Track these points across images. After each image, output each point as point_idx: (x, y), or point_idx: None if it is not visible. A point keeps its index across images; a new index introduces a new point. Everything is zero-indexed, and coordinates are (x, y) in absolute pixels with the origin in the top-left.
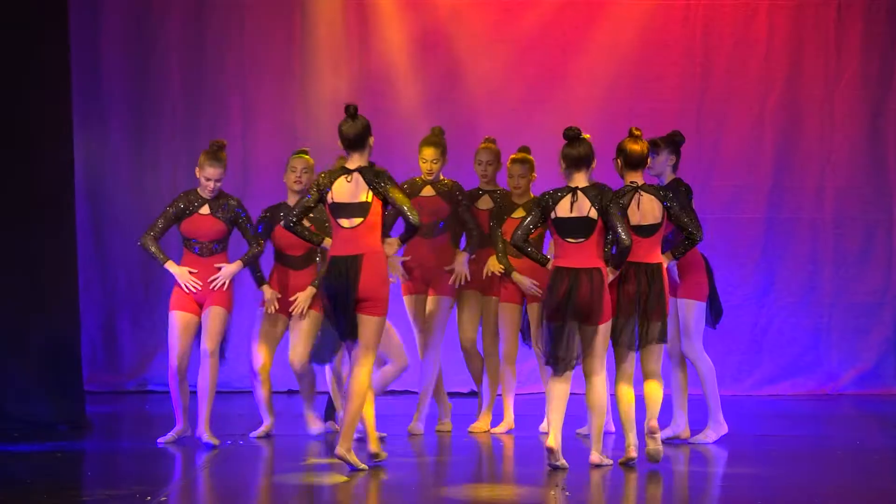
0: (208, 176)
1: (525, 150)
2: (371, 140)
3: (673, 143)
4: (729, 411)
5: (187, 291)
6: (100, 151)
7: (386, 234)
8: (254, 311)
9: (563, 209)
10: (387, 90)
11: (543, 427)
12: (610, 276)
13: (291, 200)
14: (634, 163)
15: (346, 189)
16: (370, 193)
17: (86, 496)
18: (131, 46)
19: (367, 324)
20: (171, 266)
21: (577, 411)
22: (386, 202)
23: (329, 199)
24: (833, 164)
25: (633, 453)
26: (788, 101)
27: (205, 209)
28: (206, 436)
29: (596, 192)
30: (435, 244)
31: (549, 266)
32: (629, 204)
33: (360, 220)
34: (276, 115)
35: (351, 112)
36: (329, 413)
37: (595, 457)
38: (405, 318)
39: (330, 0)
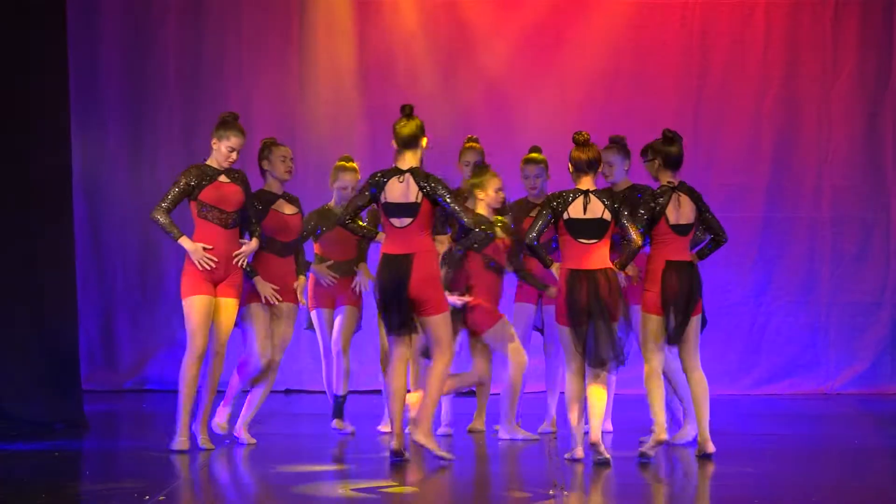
0: (233, 146)
1: (537, 149)
2: (425, 141)
3: None
4: (726, 410)
5: (202, 269)
6: (97, 151)
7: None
8: None
9: (576, 210)
10: (386, 88)
11: (543, 427)
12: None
13: (273, 187)
14: (673, 163)
15: (399, 189)
16: (420, 194)
17: (83, 495)
18: (129, 47)
19: (431, 324)
20: (185, 241)
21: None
22: (436, 204)
23: (382, 199)
24: (830, 163)
25: (664, 436)
26: (785, 100)
27: (223, 178)
28: (201, 438)
29: (607, 194)
30: None
31: (556, 269)
32: (668, 204)
33: (410, 220)
34: (274, 115)
35: (407, 112)
36: (337, 412)
37: (595, 436)
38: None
39: None
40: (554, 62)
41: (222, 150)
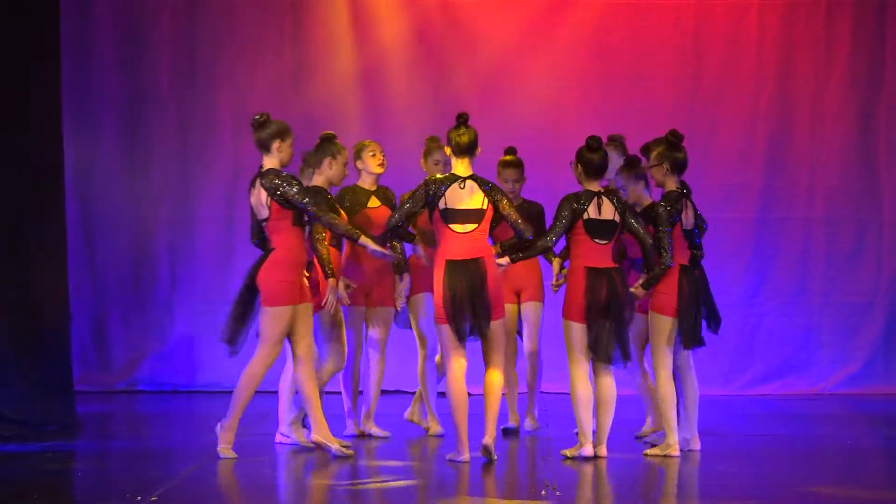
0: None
1: (513, 151)
2: (478, 150)
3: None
4: (719, 411)
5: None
6: (90, 152)
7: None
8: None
9: (593, 211)
10: (380, 88)
11: (527, 425)
12: (636, 290)
13: (322, 183)
14: (681, 168)
15: (460, 195)
16: (485, 200)
17: (76, 496)
18: (123, 47)
19: (497, 327)
20: (368, 241)
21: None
22: (496, 210)
23: (441, 205)
24: (824, 163)
25: (677, 452)
26: (779, 100)
27: None
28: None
29: (615, 196)
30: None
31: (556, 264)
32: (683, 209)
33: (475, 226)
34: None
35: (463, 120)
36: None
37: (604, 449)
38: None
39: None
40: (548, 63)
41: (290, 151)
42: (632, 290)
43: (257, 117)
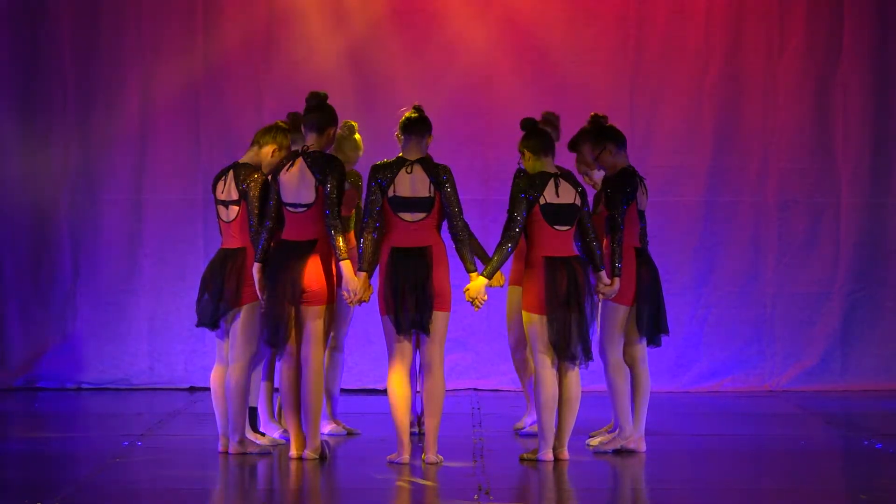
0: None
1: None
2: (429, 139)
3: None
4: (665, 409)
5: None
6: None
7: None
8: None
9: (550, 195)
10: (296, 61)
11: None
12: (611, 286)
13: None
14: (625, 143)
15: (407, 182)
16: (432, 188)
17: None
18: (18, 15)
19: (438, 319)
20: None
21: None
22: (441, 199)
23: (391, 193)
24: (776, 143)
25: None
26: (729, 75)
27: None
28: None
29: (573, 177)
30: None
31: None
32: (638, 186)
33: (424, 215)
34: (176, 89)
35: (416, 108)
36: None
37: (566, 452)
38: None
39: None
40: (479, 34)
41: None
42: (602, 289)
43: (319, 96)
